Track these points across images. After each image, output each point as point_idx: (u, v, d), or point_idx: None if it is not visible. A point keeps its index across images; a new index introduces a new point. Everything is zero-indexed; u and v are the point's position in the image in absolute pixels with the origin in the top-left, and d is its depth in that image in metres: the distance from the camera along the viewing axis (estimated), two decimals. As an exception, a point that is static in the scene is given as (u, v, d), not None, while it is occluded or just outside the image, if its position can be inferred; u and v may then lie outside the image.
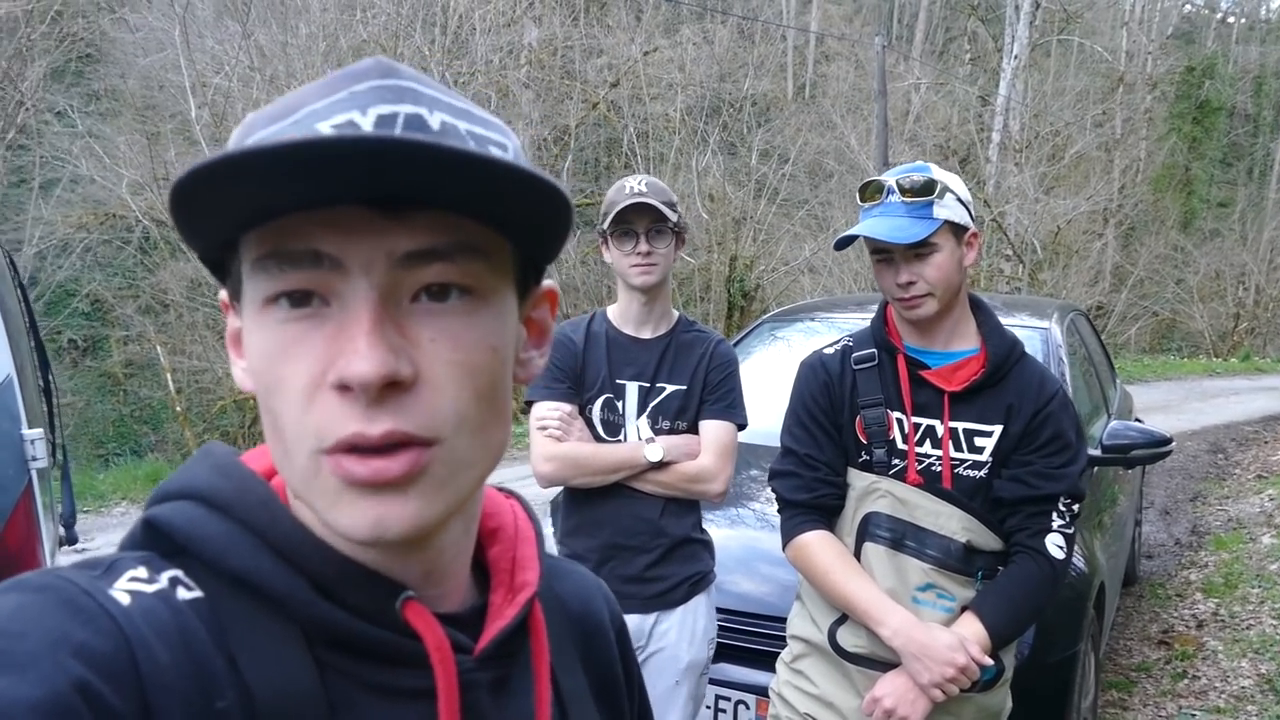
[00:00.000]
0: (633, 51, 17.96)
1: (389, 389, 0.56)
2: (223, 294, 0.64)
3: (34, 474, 1.94)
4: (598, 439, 2.41)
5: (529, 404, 2.45)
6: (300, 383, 0.57)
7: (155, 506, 0.63)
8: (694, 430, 2.41)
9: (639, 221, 2.35)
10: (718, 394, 2.42)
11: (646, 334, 2.45)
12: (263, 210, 0.55)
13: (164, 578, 0.59)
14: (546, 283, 0.70)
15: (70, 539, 2.74)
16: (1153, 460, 3.94)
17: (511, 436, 0.66)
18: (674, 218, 2.36)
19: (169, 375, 14.99)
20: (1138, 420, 4.80)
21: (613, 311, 2.50)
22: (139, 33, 18.21)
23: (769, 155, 18.95)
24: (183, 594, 0.59)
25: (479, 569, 0.73)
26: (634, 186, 2.36)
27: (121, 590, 0.57)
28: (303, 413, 0.57)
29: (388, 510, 0.57)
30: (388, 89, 0.58)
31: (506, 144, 0.62)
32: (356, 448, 0.56)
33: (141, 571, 0.59)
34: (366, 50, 15.22)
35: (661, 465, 2.36)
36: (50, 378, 2.91)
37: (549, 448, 2.36)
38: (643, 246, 2.35)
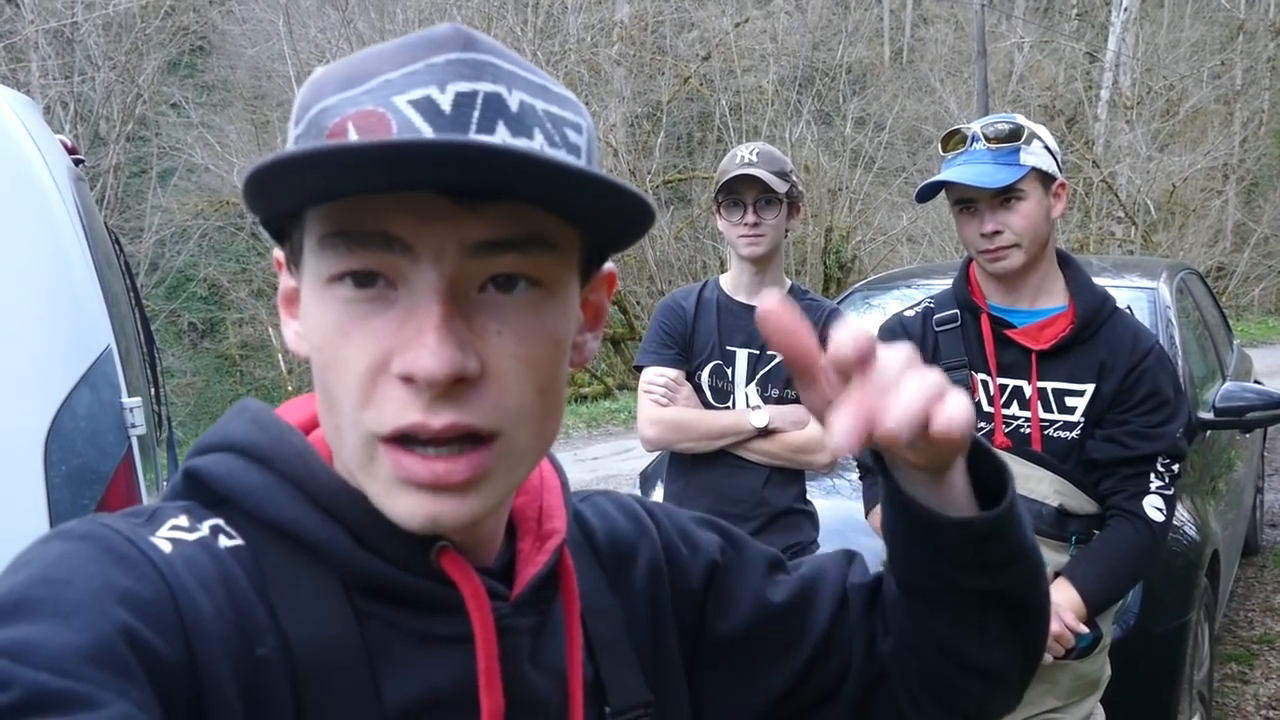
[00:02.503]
0: (724, 24, 17.73)
1: (455, 384, 0.56)
2: (278, 251, 0.65)
3: (134, 441, 2.04)
4: (706, 405, 2.42)
5: (638, 368, 2.48)
6: (361, 367, 0.57)
7: (195, 458, 0.65)
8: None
9: (747, 192, 2.34)
10: None
11: (758, 301, 2.43)
12: (335, 193, 0.55)
13: (205, 526, 0.60)
14: (607, 266, 0.69)
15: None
16: (1270, 423, 3.76)
17: (560, 418, 0.66)
18: (783, 188, 2.33)
19: (280, 356, 15.56)
20: (1257, 383, 4.58)
21: (725, 279, 2.51)
22: (246, 24, 18.84)
23: (864, 123, 18.52)
24: (224, 542, 0.60)
25: (506, 521, 0.73)
26: (744, 156, 2.35)
27: (163, 538, 0.58)
28: (362, 397, 0.57)
29: (443, 508, 0.58)
30: (466, 64, 0.56)
31: (581, 124, 0.61)
32: (416, 438, 0.56)
33: (183, 520, 0.60)
34: (460, 33, 15.38)
35: (767, 433, 2.35)
36: (155, 353, 3.05)
37: (654, 412, 2.38)
38: (750, 217, 2.34)
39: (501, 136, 0.55)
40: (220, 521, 0.61)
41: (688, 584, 0.80)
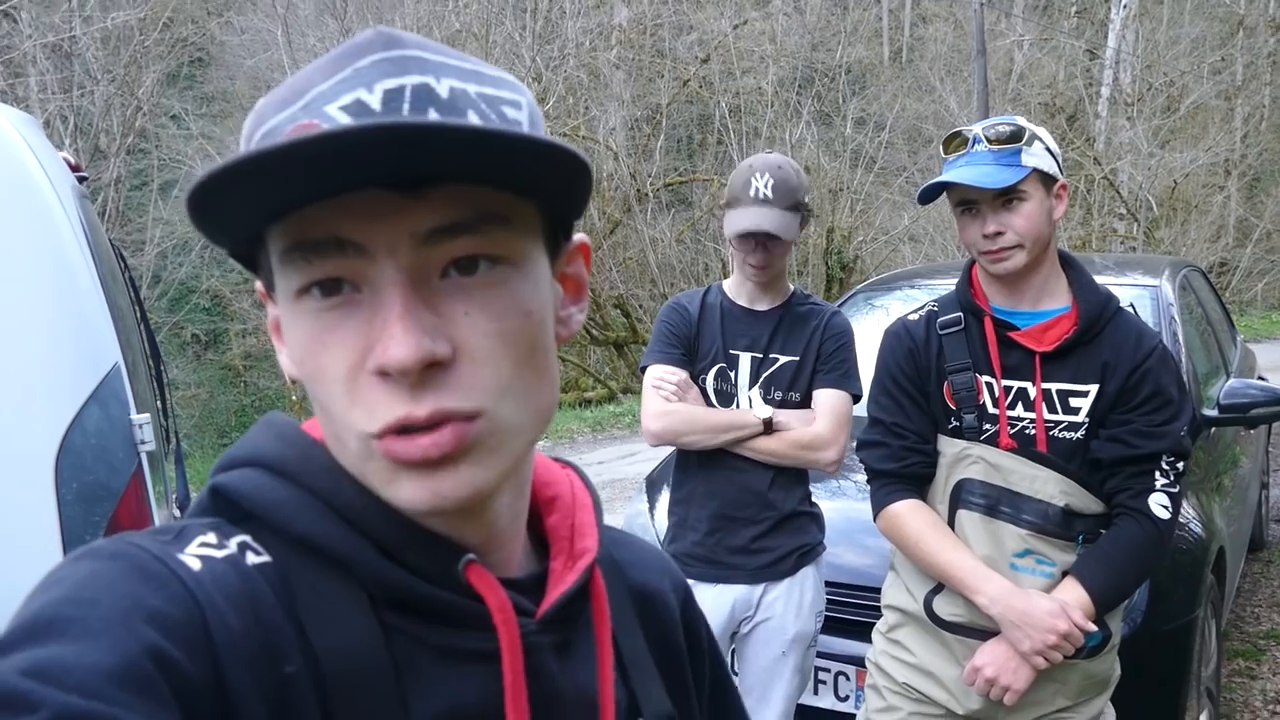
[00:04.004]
0: (723, 26, 17.75)
1: (429, 369, 0.56)
2: (259, 284, 0.65)
3: (143, 457, 2.05)
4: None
5: (643, 369, 2.50)
6: (340, 371, 0.58)
7: (222, 474, 0.65)
8: (806, 404, 2.41)
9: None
10: (831, 364, 2.41)
11: (761, 306, 2.46)
12: (281, 204, 0.55)
13: (233, 543, 0.60)
14: (578, 237, 0.70)
15: (185, 520, 2.86)
16: (1275, 419, 3.75)
17: (556, 404, 0.67)
18: (796, 224, 2.35)
19: (285, 366, 15.54)
20: (1261, 379, 4.58)
21: (728, 284, 2.52)
22: (245, 35, 18.88)
23: (865, 123, 18.53)
24: (251, 558, 0.60)
25: (538, 539, 0.73)
26: (759, 188, 2.31)
27: (192, 556, 0.58)
28: (348, 400, 0.58)
29: (442, 483, 0.58)
30: (391, 61, 0.57)
31: (520, 101, 0.62)
32: (405, 429, 0.57)
33: (211, 537, 0.60)
34: (460, 40, 15.44)
35: (772, 431, 2.36)
36: (161, 368, 3.06)
37: (661, 406, 2.39)
38: (758, 256, 2.36)
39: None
40: (247, 538, 0.61)
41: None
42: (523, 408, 0.61)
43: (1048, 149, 1.91)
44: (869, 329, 4.33)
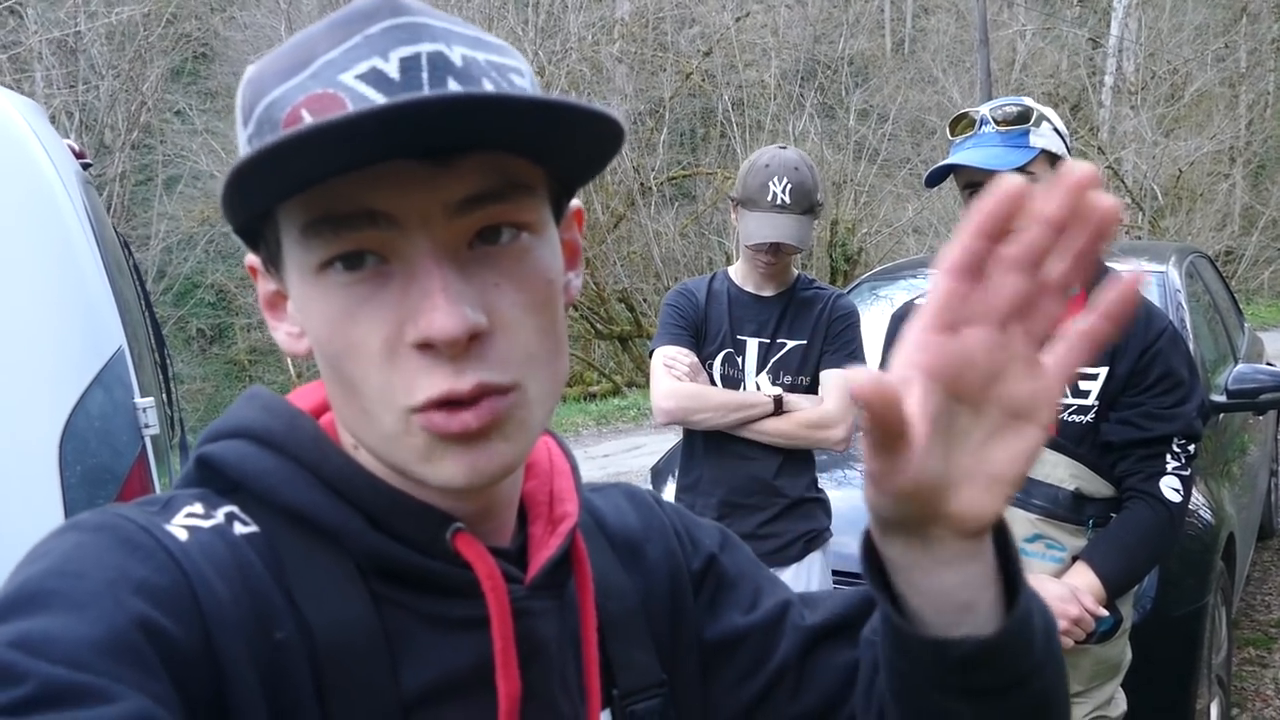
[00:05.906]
0: (725, 19, 17.70)
1: (470, 341, 0.56)
2: (250, 258, 0.65)
3: (147, 440, 2.05)
4: None
5: (651, 353, 2.51)
6: (375, 345, 0.57)
7: (208, 445, 0.64)
8: (815, 389, 2.43)
9: None
10: (838, 344, 2.43)
11: (767, 291, 2.48)
12: (310, 178, 0.54)
13: (220, 513, 0.60)
14: (574, 203, 0.69)
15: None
16: (1285, 405, 3.74)
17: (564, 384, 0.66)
18: (810, 229, 2.38)
19: (289, 360, 15.57)
20: (1268, 365, 4.57)
21: (734, 270, 2.54)
22: (248, 30, 18.85)
23: (868, 115, 18.45)
24: (239, 529, 0.60)
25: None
26: (776, 193, 2.31)
27: (179, 526, 0.58)
28: (384, 375, 0.57)
29: (478, 458, 0.58)
30: (402, 28, 0.56)
31: (522, 69, 0.62)
32: (447, 403, 0.56)
33: (198, 507, 0.60)
34: (462, 33, 15.40)
35: (782, 412, 2.36)
36: (166, 355, 3.06)
37: (671, 385, 2.40)
38: (768, 257, 2.39)
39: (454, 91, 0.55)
40: (234, 508, 0.61)
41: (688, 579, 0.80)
42: (548, 378, 0.61)
43: (1055, 129, 1.90)
44: (874, 318, 4.32)
